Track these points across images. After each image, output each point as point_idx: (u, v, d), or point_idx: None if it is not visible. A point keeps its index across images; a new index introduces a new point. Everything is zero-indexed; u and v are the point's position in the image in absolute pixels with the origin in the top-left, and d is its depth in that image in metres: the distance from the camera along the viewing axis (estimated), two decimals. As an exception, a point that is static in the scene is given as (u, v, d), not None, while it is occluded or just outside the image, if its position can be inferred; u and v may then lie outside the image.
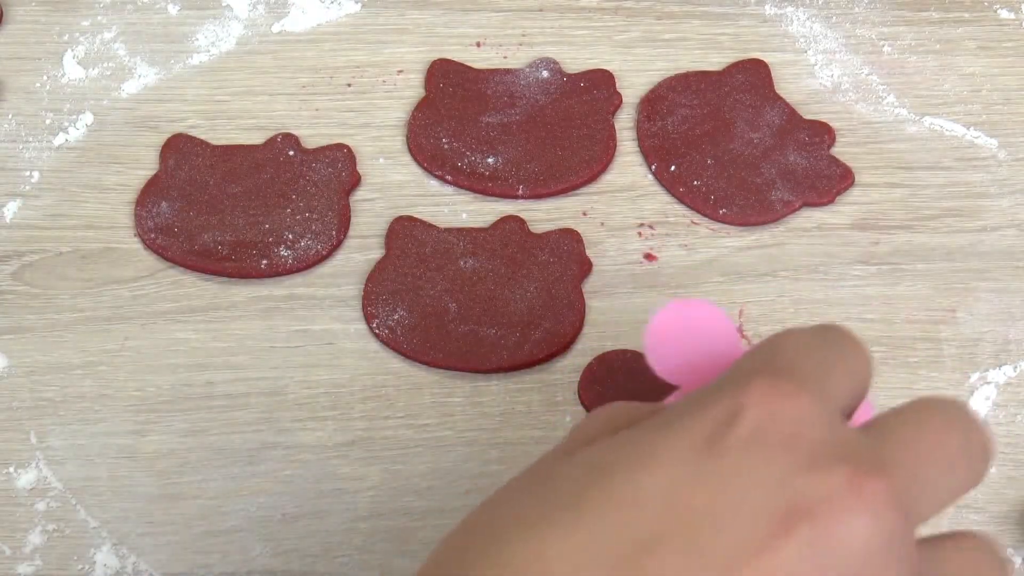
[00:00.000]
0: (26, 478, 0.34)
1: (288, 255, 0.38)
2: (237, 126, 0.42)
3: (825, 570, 0.20)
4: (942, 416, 0.23)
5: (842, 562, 0.21)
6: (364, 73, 0.43)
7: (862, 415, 0.25)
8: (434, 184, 0.41)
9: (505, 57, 0.44)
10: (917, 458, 0.22)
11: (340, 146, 0.41)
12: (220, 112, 0.42)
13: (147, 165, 0.41)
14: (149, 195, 0.40)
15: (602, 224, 0.40)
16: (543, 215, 0.40)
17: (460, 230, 0.39)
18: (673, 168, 0.41)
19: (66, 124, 0.42)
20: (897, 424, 0.23)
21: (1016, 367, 0.37)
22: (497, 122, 0.41)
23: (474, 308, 0.37)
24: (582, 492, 0.21)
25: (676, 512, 0.21)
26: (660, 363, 0.26)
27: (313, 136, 0.41)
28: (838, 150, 0.41)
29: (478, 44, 0.44)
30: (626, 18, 0.45)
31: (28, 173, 0.41)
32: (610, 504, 0.21)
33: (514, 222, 0.39)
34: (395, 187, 0.41)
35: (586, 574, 0.20)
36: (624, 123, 0.42)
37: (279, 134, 0.41)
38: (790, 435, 0.22)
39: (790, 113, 0.42)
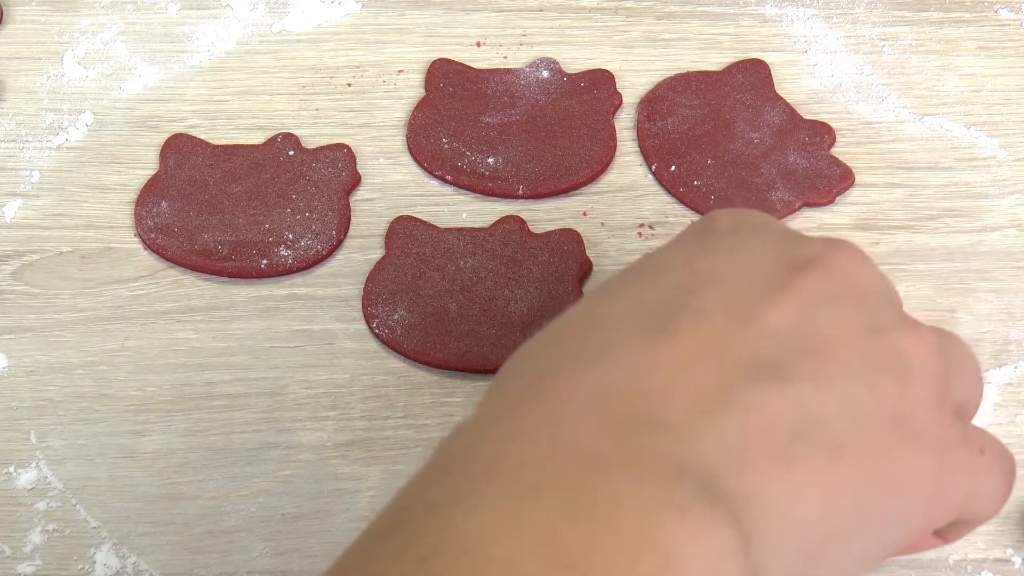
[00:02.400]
0: (26, 478, 0.34)
1: (288, 255, 0.38)
2: (237, 126, 0.42)
3: (842, 290, 0.24)
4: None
5: (854, 286, 0.25)
6: (364, 73, 0.43)
7: None
8: (434, 184, 0.41)
9: (505, 57, 0.44)
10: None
11: (340, 146, 0.41)
12: (220, 112, 0.42)
13: (147, 165, 0.41)
14: (149, 195, 0.40)
15: (602, 224, 0.40)
16: (543, 215, 0.40)
17: (460, 230, 0.39)
18: (673, 168, 0.41)
19: (66, 124, 0.42)
20: None
21: (1016, 367, 0.37)
22: (497, 122, 0.41)
23: (474, 308, 0.37)
24: (623, 279, 0.26)
25: (701, 272, 0.25)
26: None
27: (313, 136, 0.41)
28: (838, 150, 0.41)
29: (478, 44, 0.44)
30: (626, 18, 0.45)
31: (28, 173, 0.41)
32: (642, 277, 0.26)
33: (514, 222, 0.39)
34: (395, 187, 0.41)
35: (629, 332, 0.23)
36: (624, 123, 0.42)
37: (279, 134, 0.41)
38: (762, 224, 0.27)
39: (790, 113, 0.42)
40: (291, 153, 0.40)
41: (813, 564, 0.22)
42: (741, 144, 0.41)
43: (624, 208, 0.40)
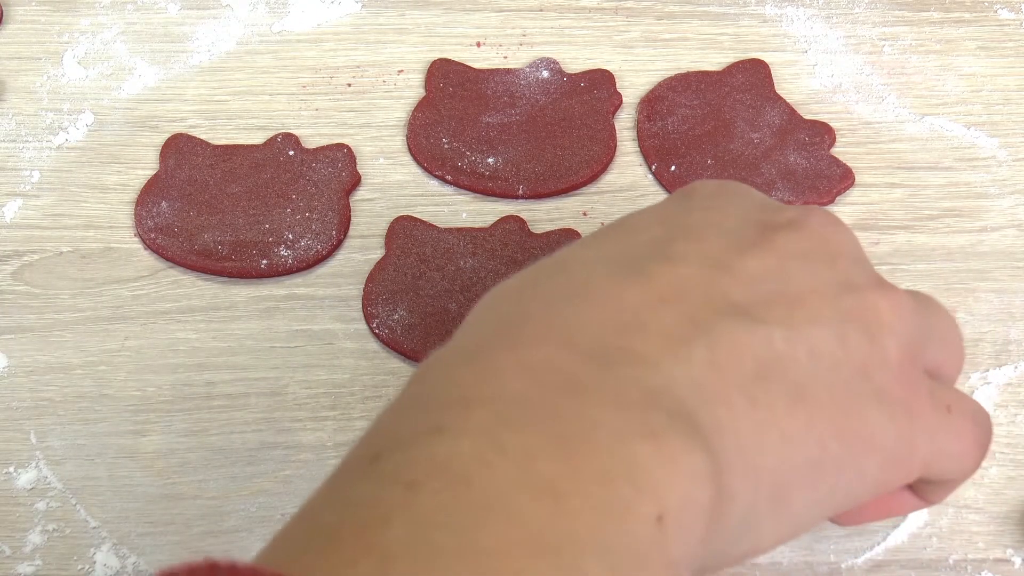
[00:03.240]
0: (26, 478, 0.34)
1: (288, 255, 0.38)
2: (237, 126, 0.42)
3: (817, 249, 0.25)
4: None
5: (829, 246, 0.25)
6: (364, 73, 0.43)
7: None
8: (434, 184, 0.41)
9: (505, 57, 0.44)
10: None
11: (340, 146, 0.41)
12: (220, 112, 0.42)
13: (147, 165, 0.41)
14: (149, 195, 0.40)
15: (602, 224, 0.40)
16: (543, 215, 0.40)
17: (460, 230, 0.39)
18: (673, 168, 0.41)
19: (66, 124, 0.42)
20: None
21: (1016, 367, 0.37)
22: (497, 122, 0.41)
23: (474, 308, 0.37)
24: (598, 233, 0.27)
25: (676, 228, 0.25)
26: None
27: (313, 136, 0.41)
28: (838, 150, 0.41)
29: (478, 44, 0.44)
30: (626, 18, 0.45)
31: (28, 173, 0.41)
32: (617, 233, 0.26)
33: (514, 222, 0.39)
34: (395, 187, 0.41)
35: (603, 274, 0.24)
36: (624, 123, 0.42)
37: (279, 134, 0.41)
38: (742, 192, 0.27)
39: (790, 113, 0.42)
40: (291, 153, 0.41)
41: (774, 504, 0.23)
42: (741, 144, 0.41)
43: (624, 208, 0.40)
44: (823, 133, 0.41)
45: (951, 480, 0.27)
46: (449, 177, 0.40)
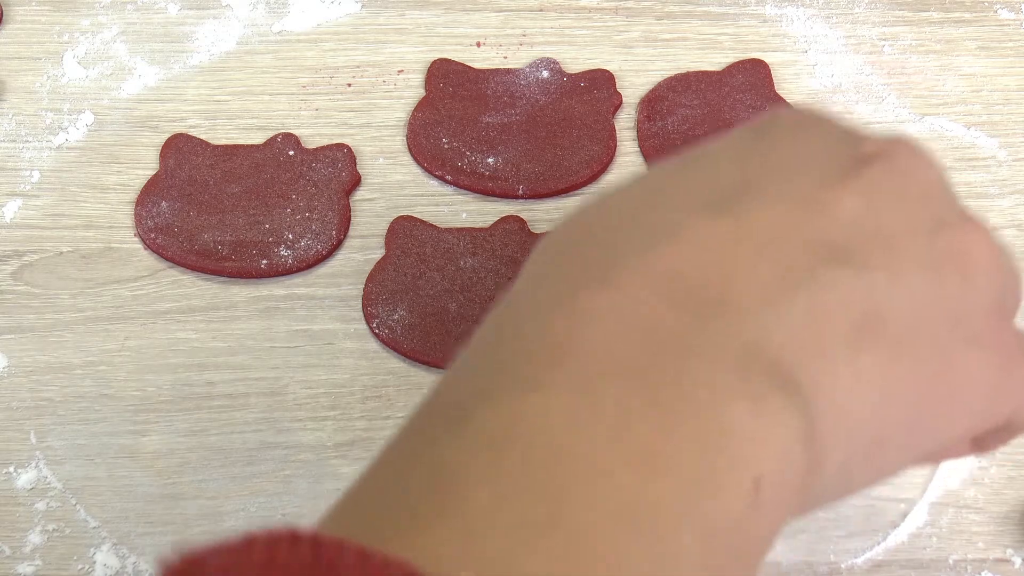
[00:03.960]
0: (26, 478, 0.35)
1: (288, 255, 0.38)
2: (237, 126, 0.42)
3: (907, 185, 0.23)
4: None
5: (919, 181, 0.24)
6: (364, 73, 0.43)
7: None
8: (434, 184, 0.41)
9: (505, 57, 0.44)
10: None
11: (340, 146, 0.41)
12: (220, 112, 0.42)
13: (147, 165, 0.41)
14: (149, 195, 0.40)
15: (602, 224, 0.40)
16: (543, 215, 0.40)
17: (460, 230, 0.39)
18: (673, 168, 0.41)
19: (66, 124, 0.42)
20: None
21: (1016, 367, 0.37)
22: (497, 122, 0.41)
23: (474, 308, 0.37)
24: (677, 167, 0.24)
25: (764, 161, 0.23)
26: None
27: (313, 136, 0.41)
28: (838, 150, 0.41)
29: (478, 44, 0.44)
30: (626, 18, 0.45)
31: (28, 173, 0.41)
32: (700, 165, 0.24)
33: (514, 222, 0.39)
34: (395, 187, 0.41)
35: (694, 212, 0.22)
36: (624, 123, 0.42)
37: (279, 134, 0.41)
38: (823, 119, 0.25)
39: (790, 113, 0.42)
40: (291, 153, 0.41)
41: (868, 456, 0.22)
42: (741, 144, 0.41)
43: (624, 208, 0.40)
44: (823, 133, 0.41)
45: (1017, 429, 0.26)
46: (449, 177, 0.40)
